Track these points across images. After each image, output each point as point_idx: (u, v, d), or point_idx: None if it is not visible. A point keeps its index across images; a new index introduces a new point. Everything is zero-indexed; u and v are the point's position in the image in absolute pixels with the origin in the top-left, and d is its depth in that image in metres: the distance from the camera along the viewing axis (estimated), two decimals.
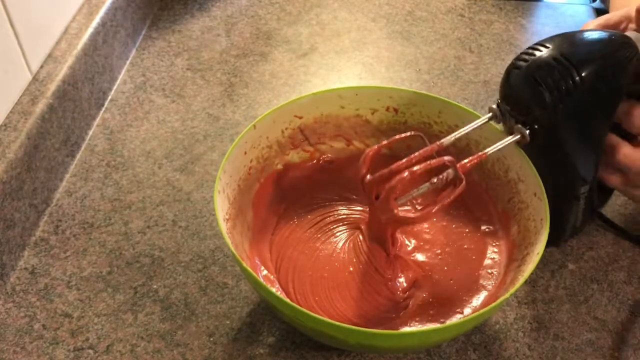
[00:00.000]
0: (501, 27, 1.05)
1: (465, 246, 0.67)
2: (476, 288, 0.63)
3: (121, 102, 0.88)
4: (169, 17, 1.05)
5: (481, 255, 0.66)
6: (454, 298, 0.62)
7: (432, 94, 0.70)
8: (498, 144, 0.61)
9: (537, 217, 0.60)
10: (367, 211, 0.70)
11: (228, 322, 0.63)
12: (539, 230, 0.59)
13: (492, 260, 0.65)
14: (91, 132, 0.83)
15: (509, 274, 0.61)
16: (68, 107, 0.77)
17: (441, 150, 0.59)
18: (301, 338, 0.62)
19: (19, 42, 0.71)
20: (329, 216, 0.69)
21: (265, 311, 0.64)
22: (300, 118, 0.70)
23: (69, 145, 0.78)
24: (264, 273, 0.63)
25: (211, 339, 0.61)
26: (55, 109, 0.74)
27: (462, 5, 1.10)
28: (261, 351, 0.61)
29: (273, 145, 0.70)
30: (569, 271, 0.69)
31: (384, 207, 0.58)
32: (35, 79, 0.75)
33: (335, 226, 0.68)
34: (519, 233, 0.63)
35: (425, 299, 0.62)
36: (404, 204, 0.55)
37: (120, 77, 0.92)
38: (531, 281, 0.67)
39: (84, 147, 0.81)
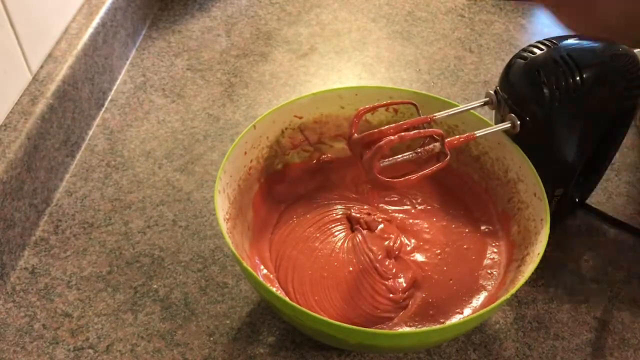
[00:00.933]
0: (501, 27, 1.05)
1: (465, 246, 0.67)
2: (476, 288, 0.63)
3: (121, 102, 0.88)
4: (169, 17, 1.05)
5: (481, 256, 0.66)
6: (454, 298, 0.62)
7: (432, 94, 0.70)
8: (488, 129, 0.62)
9: (537, 217, 0.60)
10: (365, 210, 0.70)
11: (228, 321, 0.63)
12: (539, 230, 0.59)
13: (492, 260, 0.65)
14: (91, 132, 0.83)
15: (509, 274, 0.61)
16: (68, 107, 0.77)
17: (432, 124, 0.60)
18: (301, 338, 0.62)
19: (19, 42, 0.71)
20: (329, 216, 0.69)
21: (265, 311, 0.64)
22: (300, 118, 0.70)
23: (69, 145, 0.78)
24: (263, 272, 0.63)
25: (211, 338, 0.61)
26: (55, 109, 0.74)
27: (462, 5, 1.10)
28: (261, 351, 0.61)
29: (273, 145, 0.70)
30: (569, 271, 0.69)
31: (368, 166, 0.57)
32: (35, 79, 0.75)
33: (334, 225, 0.68)
34: (518, 233, 0.63)
35: (424, 299, 0.62)
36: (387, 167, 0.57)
37: (120, 77, 0.92)
38: (531, 281, 0.67)
39: (84, 147, 0.81)
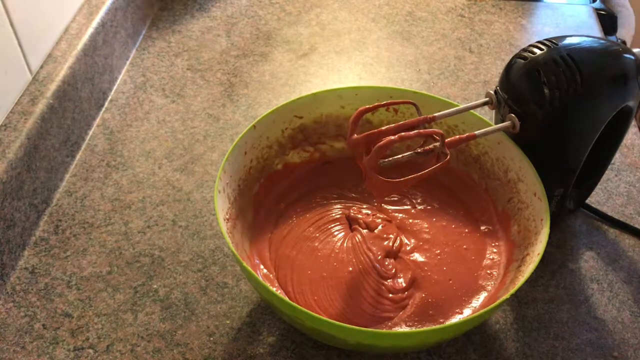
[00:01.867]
0: (501, 27, 1.05)
1: (464, 246, 0.67)
2: (475, 288, 0.63)
3: (121, 102, 0.88)
4: (169, 17, 1.05)
5: (481, 256, 0.66)
6: (453, 298, 0.62)
7: (432, 94, 0.70)
8: (488, 128, 0.62)
9: (537, 217, 0.60)
10: (365, 210, 0.70)
11: (228, 321, 0.63)
12: (539, 230, 0.59)
13: (492, 260, 0.65)
14: (91, 132, 0.83)
15: (509, 274, 0.61)
16: (68, 107, 0.77)
17: (432, 124, 0.60)
18: (301, 338, 0.62)
19: (19, 42, 0.71)
20: (328, 215, 0.69)
21: (265, 311, 0.64)
22: (300, 118, 0.70)
23: (69, 145, 0.78)
24: (263, 272, 0.63)
25: (211, 338, 0.61)
26: (55, 109, 0.74)
27: (462, 5, 1.10)
28: (261, 351, 0.61)
29: (273, 145, 0.70)
30: (569, 271, 0.69)
31: (368, 166, 0.57)
32: (35, 79, 0.75)
33: (334, 225, 0.68)
34: (519, 233, 0.63)
35: (424, 299, 0.62)
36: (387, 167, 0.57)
37: (120, 77, 0.92)
38: (531, 281, 0.67)
39: (84, 147, 0.81)
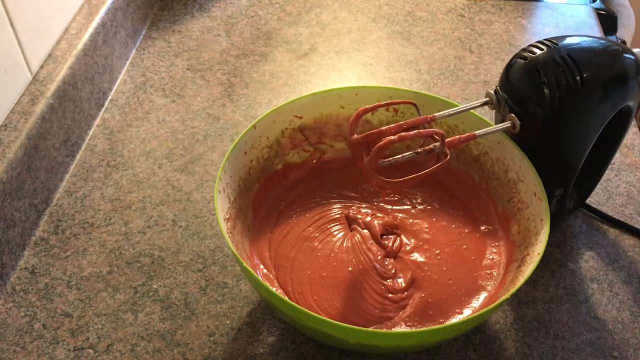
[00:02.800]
0: (501, 27, 1.05)
1: (464, 246, 0.67)
2: (475, 288, 0.63)
3: (121, 102, 0.88)
4: (169, 17, 1.05)
5: (480, 256, 0.66)
6: (453, 298, 0.62)
7: (432, 94, 0.70)
8: (488, 129, 0.62)
9: (537, 217, 0.60)
10: (365, 210, 0.70)
11: (228, 321, 0.63)
12: (539, 230, 0.59)
13: (492, 260, 0.65)
14: (91, 132, 0.83)
15: (509, 274, 0.61)
16: (68, 107, 0.77)
17: (432, 124, 0.60)
18: (301, 338, 0.62)
19: (19, 42, 0.71)
20: (328, 215, 0.69)
21: (265, 311, 0.64)
22: (300, 118, 0.70)
23: (69, 145, 0.78)
24: (263, 272, 0.63)
25: (211, 338, 0.61)
26: (55, 109, 0.74)
27: (462, 5, 1.10)
28: (261, 351, 0.61)
29: (273, 145, 0.70)
30: (569, 271, 0.69)
31: (368, 166, 0.57)
32: (35, 79, 0.75)
33: (334, 225, 0.68)
34: (518, 233, 0.63)
35: (424, 298, 0.62)
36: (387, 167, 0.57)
37: (120, 77, 0.92)
38: (531, 281, 0.67)
39: (84, 147, 0.81)
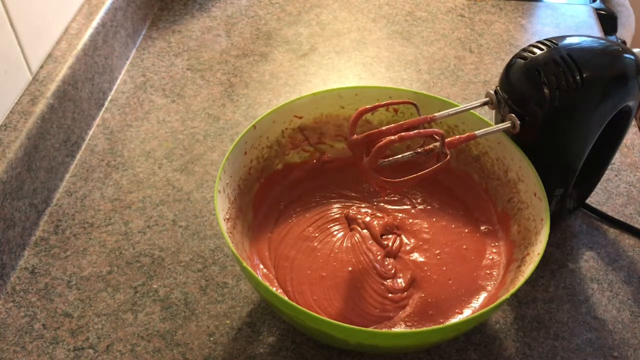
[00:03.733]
0: (501, 27, 1.05)
1: (464, 246, 0.67)
2: (475, 288, 0.63)
3: (121, 102, 0.88)
4: (169, 17, 1.05)
5: (480, 256, 0.66)
6: (453, 298, 0.62)
7: (432, 94, 0.70)
8: (488, 129, 0.62)
9: (537, 217, 0.60)
10: (364, 210, 0.70)
11: (228, 321, 0.63)
12: (539, 230, 0.59)
13: (492, 260, 0.65)
14: (91, 132, 0.83)
15: (509, 274, 0.61)
16: (68, 107, 0.77)
17: (432, 124, 0.60)
18: (301, 338, 0.62)
19: (19, 42, 0.71)
20: (328, 215, 0.69)
21: (265, 311, 0.64)
22: (300, 118, 0.70)
23: (69, 145, 0.78)
24: (263, 272, 0.63)
25: (211, 338, 0.61)
26: (55, 109, 0.74)
27: (462, 5, 1.10)
28: (261, 351, 0.61)
29: (273, 145, 0.70)
30: (569, 271, 0.69)
31: (368, 166, 0.57)
32: (35, 79, 0.75)
33: (333, 225, 0.68)
34: (518, 233, 0.63)
35: (423, 298, 0.62)
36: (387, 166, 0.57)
37: (120, 77, 0.92)
38: (531, 281, 0.67)
39: (84, 147, 0.81)
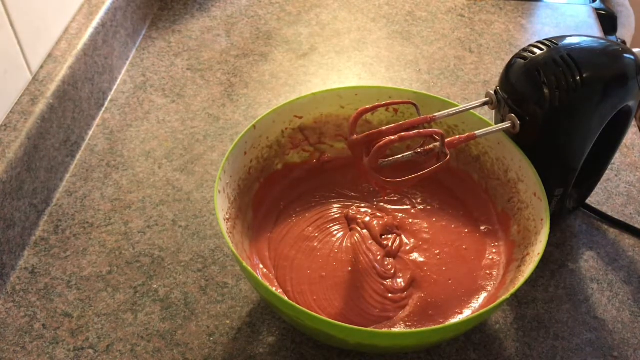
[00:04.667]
0: (501, 27, 1.05)
1: (464, 246, 0.67)
2: (475, 288, 0.63)
3: (121, 102, 0.88)
4: (169, 17, 1.05)
5: (480, 256, 0.66)
6: (453, 298, 0.62)
7: (432, 94, 0.70)
8: (488, 129, 0.62)
9: (537, 217, 0.60)
10: (364, 210, 0.70)
11: (228, 321, 0.63)
12: (539, 230, 0.59)
13: (492, 260, 0.65)
14: (91, 132, 0.83)
15: (509, 274, 0.61)
16: (68, 107, 0.77)
17: (432, 124, 0.60)
18: (301, 338, 0.62)
19: (19, 42, 0.71)
20: (328, 215, 0.69)
21: (265, 311, 0.64)
22: (300, 118, 0.70)
23: (69, 145, 0.78)
24: (263, 272, 0.63)
25: (211, 338, 0.61)
26: (55, 109, 0.74)
27: (462, 5, 1.10)
28: (261, 351, 0.61)
29: (273, 145, 0.70)
30: (569, 271, 0.69)
31: (368, 167, 0.57)
32: (35, 79, 0.75)
33: (333, 225, 0.68)
34: (518, 233, 0.63)
35: (423, 298, 0.62)
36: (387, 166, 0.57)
37: (120, 77, 0.92)
38: (531, 281, 0.67)
39: (84, 147, 0.81)
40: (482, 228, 0.68)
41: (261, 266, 0.63)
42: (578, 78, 0.59)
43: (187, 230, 0.71)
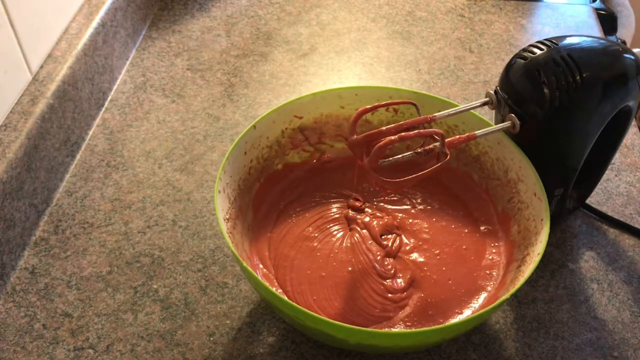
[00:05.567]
0: (501, 27, 1.05)
1: (464, 246, 0.67)
2: (475, 289, 0.63)
3: (121, 102, 0.88)
4: (169, 17, 1.05)
5: (480, 256, 0.66)
6: (453, 298, 0.62)
7: (432, 94, 0.70)
8: (488, 129, 0.62)
9: (537, 217, 0.60)
10: (364, 210, 0.70)
11: (228, 321, 0.63)
12: (539, 230, 0.59)
13: (492, 260, 0.65)
14: (91, 132, 0.83)
15: (509, 274, 0.61)
16: (68, 107, 0.77)
17: (432, 124, 0.60)
18: (301, 338, 0.62)
19: (19, 42, 0.71)
20: (327, 215, 0.69)
21: (265, 311, 0.64)
22: (300, 118, 0.70)
23: (69, 145, 0.78)
24: (263, 272, 0.63)
25: (211, 338, 0.61)
26: (55, 109, 0.74)
27: (462, 5, 1.10)
28: (261, 351, 0.61)
29: (273, 145, 0.70)
30: (569, 271, 0.69)
31: (368, 167, 0.57)
32: (35, 79, 0.75)
33: (333, 225, 0.68)
34: (518, 233, 0.63)
35: (423, 298, 0.62)
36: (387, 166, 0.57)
37: (120, 77, 0.92)
38: (531, 281, 0.67)
39: (84, 147, 0.81)
40: (482, 228, 0.68)
41: (261, 266, 0.63)
42: (578, 78, 0.59)
43: (187, 230, 0.71)
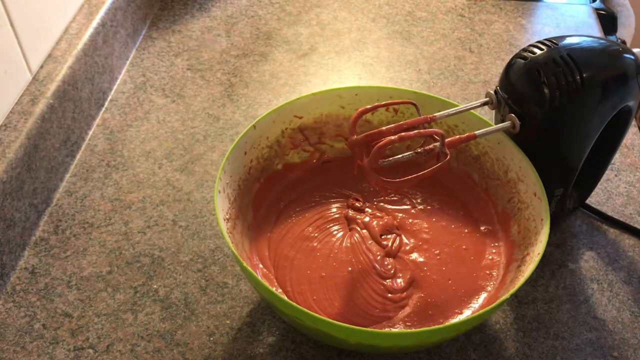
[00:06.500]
0: (501, 27, 1.05)
1: (464, 246, 0.67)
2: (475, 289, 0.63)
3: (121, 102, 0.88)
4: (169, 17, 1.05)
5: (480, 256, 0.66)
6: (453, 298, 0.62)
7: (432, 94, 0.70)
8: (488, 129, 0.62)
9: (537, 217, 0.60)
10: (364, 210, 0.70)
11: (228, 321, 0.63)
12: (539, 230, 0.59)
13: (492, 260, 0.65)
14: (91, 132, 0.83)
15: (509, 274, 0.61)
16: (68, 107, 0.77)
17: (432, 124, 0.60)
18: (301, 338, 0.62)
19: (19, 42, 0.71)
20: (327, 215, 0.69)
21: (265, 311, 0.64)
22: (300, 118, 0.70)
23: (69, 145, 0.78)
24: (263, 272, 0.63)
25: (211, 338, 0.61)
26: (55, 109, 0.74)
27: (462, 5, 1.10)
28: (261, 351, 0.61)
29: (273, 145, 0.70)
30: (569, 271, 0.69)
31: (368, 167, 0.57)
32: (35, 79, 0.75)
33: (333, 225, 0.68)
34: (518, 233, 0.63)
35: (423, 298, 0.62)
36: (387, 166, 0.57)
37: (120, 77, 0.92)
38: (531, 281, 0.67)
39: (84, 147, 0.81)
40: (482, 228, 0.68)
41: (261, 266, 0.64)
42: (578, 78, 0.59)
43: (187, 230, 0.71)
